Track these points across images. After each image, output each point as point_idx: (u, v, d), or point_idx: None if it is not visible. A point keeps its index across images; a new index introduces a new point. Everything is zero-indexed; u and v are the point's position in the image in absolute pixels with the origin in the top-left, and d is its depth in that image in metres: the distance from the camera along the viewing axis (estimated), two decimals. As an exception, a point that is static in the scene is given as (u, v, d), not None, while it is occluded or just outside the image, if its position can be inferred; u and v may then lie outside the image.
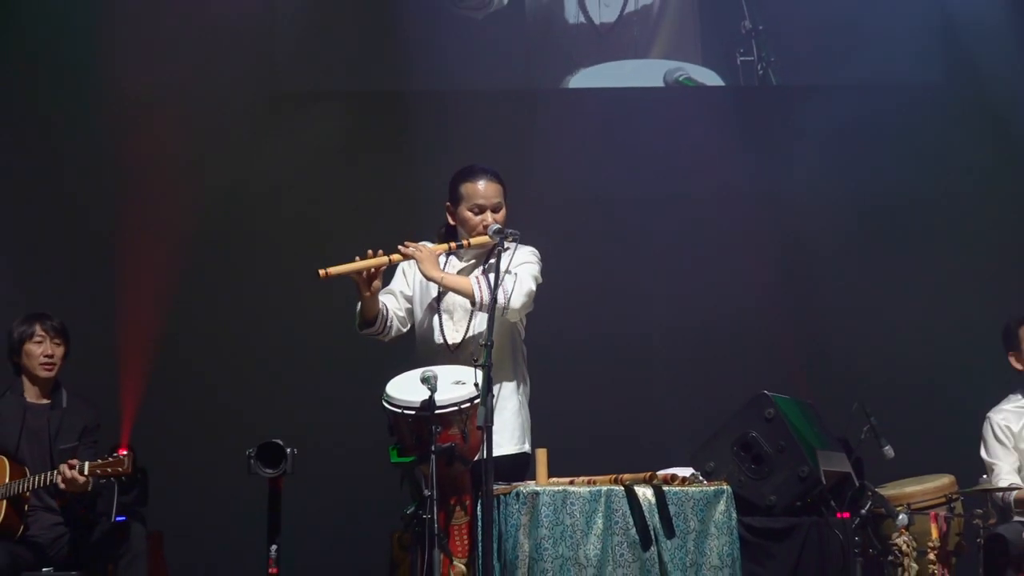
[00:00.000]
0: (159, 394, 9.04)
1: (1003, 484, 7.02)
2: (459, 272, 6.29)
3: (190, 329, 9.21)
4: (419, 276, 6.30)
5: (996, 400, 7.26)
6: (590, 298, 9.05)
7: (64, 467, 6.68)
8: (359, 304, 6.25)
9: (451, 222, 6.32)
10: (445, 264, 6.32)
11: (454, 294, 6.23)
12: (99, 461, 6.73)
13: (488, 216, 6.23)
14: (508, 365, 6.25)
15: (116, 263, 9.20)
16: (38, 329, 7.01)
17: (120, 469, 6.70)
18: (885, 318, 9.11)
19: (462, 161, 6.43)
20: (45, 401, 7.05)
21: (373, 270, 6.13)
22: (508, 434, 6.21)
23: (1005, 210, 9.26)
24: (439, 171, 6.50)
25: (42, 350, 7.00)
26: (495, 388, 5.90)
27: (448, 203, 6.32)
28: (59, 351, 7.03)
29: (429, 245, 6.26)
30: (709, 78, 9.45)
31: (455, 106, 9.26)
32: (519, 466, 6.19)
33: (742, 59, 9.37)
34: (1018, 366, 7.17)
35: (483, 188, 6.26)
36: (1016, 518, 7.01)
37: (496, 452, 5.80)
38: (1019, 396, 7.18)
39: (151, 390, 9.01)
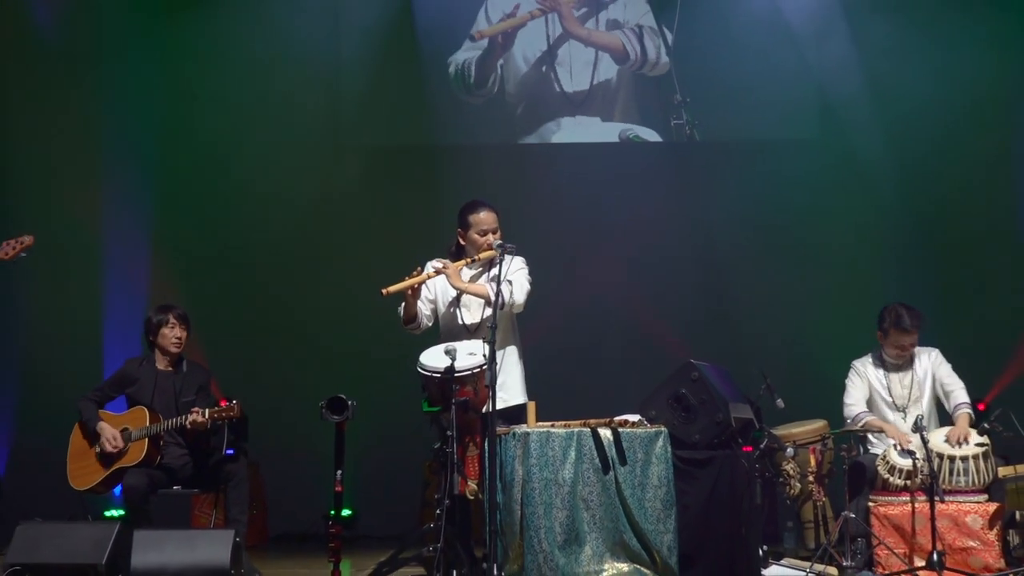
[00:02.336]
0: (257, 364, 9.08)
1: (850, 401, 7.04)
2: (469, 279, 6.34)
3: (278, 322, 9.28)
4: (439, 284, 6.35)
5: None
6: (569, 296, 9.01)
7: (193, 412, 6.74)
8: (403, 307, 6.30)
9: (461, 242, 6.36)
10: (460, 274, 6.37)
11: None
12: (216, 408, 6.78)
13: (490, 237, 6.28)
14: (509, 339, 6.31)
15: (214, 271, 9.26)
16: (171, 318, 7.05)
17: (232, 414, 6.76)
18: (778, 310, 9.09)
19: (472, 196, 6.49)
20: (171, 369, 7.08)
21: (418, 284, 6.19)
22: (516, 390, 6.29)
23: (868, 233, 9.26)
24: (455, 205, 6.51)
25: (173, 333, 7.04)
26: (499, 355, 5.96)
27: (459, 228, 6.36)
28: (184, 334, 7.07)
29: (451, 264, 6.29)
30: (651, 136, 9.46)
31: (463, 156, 9.29)
32: (521, 413, 6.25)
33: (675, 122, 9.37)
34: (881, 342, 7.16)
35: (484, 217, 6.31)
36: (872, 449, 7.04)
37: (503, 405, 5.95)
38: (875, 354, 7.15)
39: (255, 362, 9.06)
